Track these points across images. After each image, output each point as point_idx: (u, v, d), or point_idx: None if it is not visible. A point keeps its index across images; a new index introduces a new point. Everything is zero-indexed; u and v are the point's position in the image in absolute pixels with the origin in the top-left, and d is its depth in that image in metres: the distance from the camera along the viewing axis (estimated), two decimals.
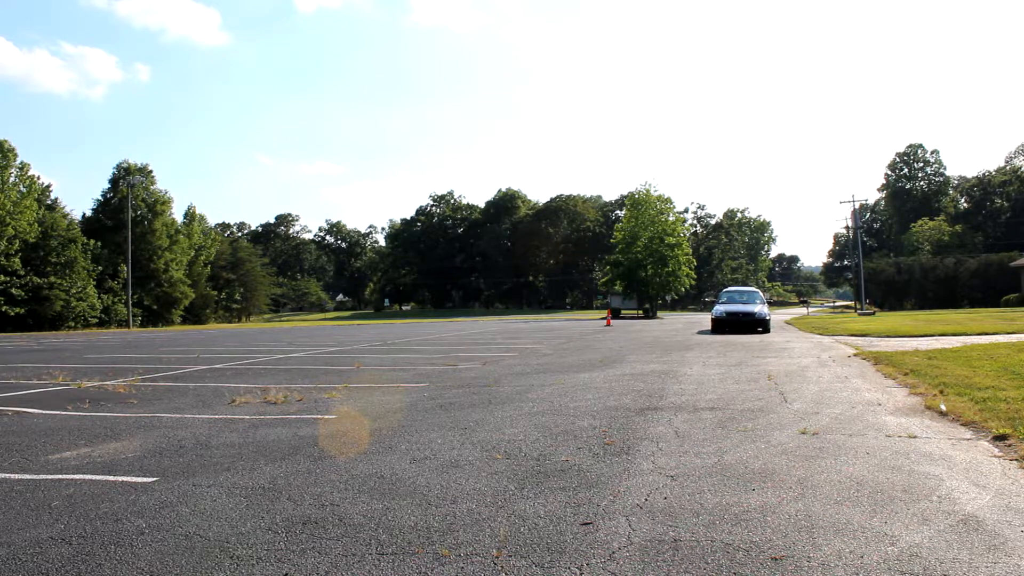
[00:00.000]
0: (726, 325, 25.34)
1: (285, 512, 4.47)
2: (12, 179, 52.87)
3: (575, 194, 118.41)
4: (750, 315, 25.36)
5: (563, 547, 3.73)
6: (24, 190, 53.46)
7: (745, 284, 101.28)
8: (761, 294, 29.59)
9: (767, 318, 25.35)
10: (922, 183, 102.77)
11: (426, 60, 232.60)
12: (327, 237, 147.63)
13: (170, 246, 65.01)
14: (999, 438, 6.00)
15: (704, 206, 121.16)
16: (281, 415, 8.15)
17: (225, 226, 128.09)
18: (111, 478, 5.38)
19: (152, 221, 64.26)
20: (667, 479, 5.01)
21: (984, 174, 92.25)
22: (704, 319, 45.37)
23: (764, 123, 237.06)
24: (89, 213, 66.18)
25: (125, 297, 56.47)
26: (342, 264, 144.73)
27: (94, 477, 5.43)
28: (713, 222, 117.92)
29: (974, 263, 67.41)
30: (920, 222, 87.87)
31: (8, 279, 49.65)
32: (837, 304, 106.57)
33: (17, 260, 50.52)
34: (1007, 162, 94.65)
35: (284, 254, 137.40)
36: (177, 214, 69.82)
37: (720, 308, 26.53)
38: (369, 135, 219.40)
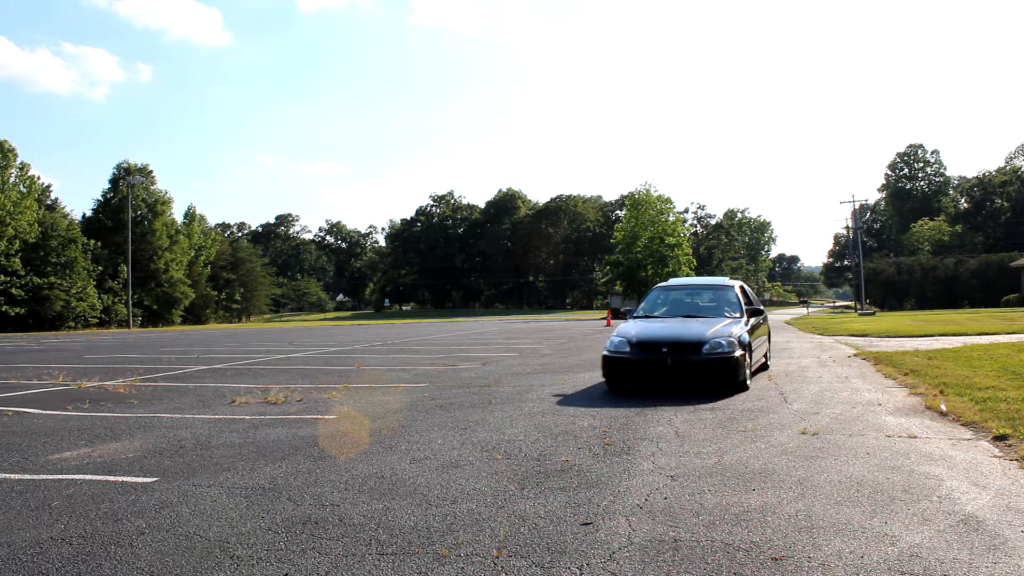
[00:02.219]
0: (633, 372, 9.67)
1: (285, 512, 4.47)
2: (12, 179, 52.92)
3: (575, 194, 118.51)
4: (692, 347, 9.51)
5: (563, 547, 3.73)
6: (24, 190, 53.53)
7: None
8: (739, 291, 11.79)
9: (735, 354, 9.36)
10: (922, 183, 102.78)
11: (427, 60, 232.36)
12: (327, 237, 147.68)
13: (170, 246, 65.02)
14: (999, 438, 6.00)
15: (704, 206, 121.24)
16: (281, 415, 8.15)
17: (225, 226, 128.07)
18: (111, 478, 5.38)
19: (152, 221, 64.30)
20: (667, 479, 5.01)
21: (984, 174, 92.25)
22: None
23: (764, 123, 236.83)
24: (89, 213, 66.30)
25: (125, 297, 56.47)
26: (342, 264, 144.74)
27: (94, 477, 5.43)
28: (713, 222, 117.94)
29: (974, 263, 67.41)
30: (920, 222, 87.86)
31: (8, 279, 49.66)
32: (837, 304, 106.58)
33: (17, 260, 50.54)
34: (1007, 162, 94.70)
35: (284, 254, 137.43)
36: (177, 214, 70.00)
37: (630, 330, 10.16)
38: (369, 135, 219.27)
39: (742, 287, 11.93)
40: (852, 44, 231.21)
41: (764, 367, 11.77)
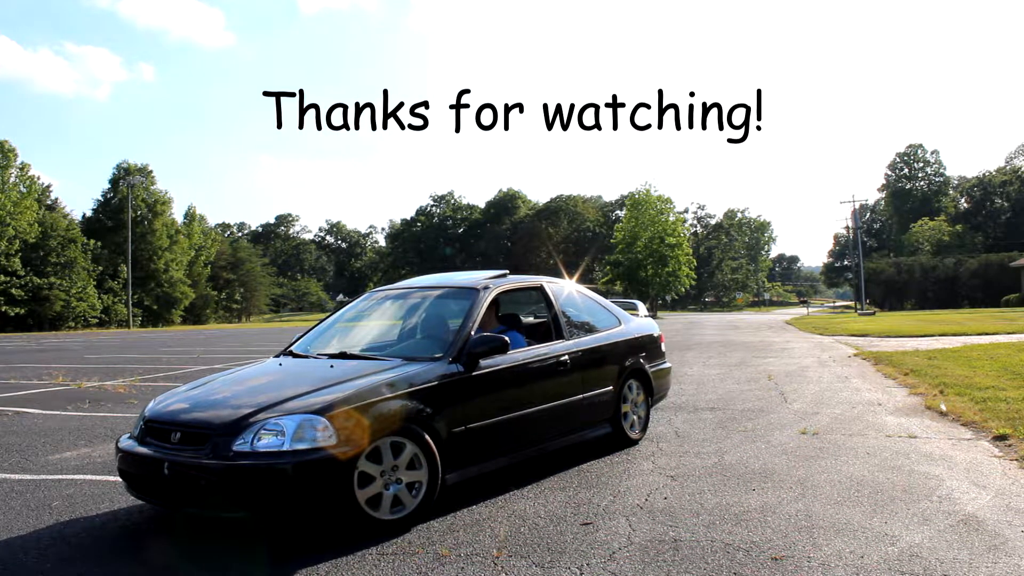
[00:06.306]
0: (128, 481, 4.33)
1: None
2: (12, 179, 52.88)
3: (575, 194, 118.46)
4: (212, 434, 3.96)
5: (563, 547, 3.73)
6: (24, 190, 53.45)
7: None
8: (483, 303, 5.22)
9: (313, 455, 3.81)
10: (922, 183, 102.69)
11: (428, 60, 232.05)
12: (327, 237, 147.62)
13: (170, 246, 64.96)
14: (999, 438, 5.99)
15: (704, 206, 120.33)
16: None
17: (225, 226, 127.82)
18: (111, 478, 5.37)
19: (152, 221, 64.20)
20: (667, 479, 5.01)
21: (984, 174, 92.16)
22: (705, 320, 44.92)
23: (763, 123, 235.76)
24: (89, 213, 66.13)
25: (125, 297, 56.45)
26: (342, 264, 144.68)
27: (94, 477, 5.44)
28: (713, 222, 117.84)
29: (974, 263, 67.36)
30: (920, 222, 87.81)
31: (8, 279, 49.61)
32: (837, 304, 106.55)
33: (17, 260, 50.49)
34: (1007, 162, 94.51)
35: (284, 254, 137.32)
36: (177, 214, 69.86)
37: (180, 391, 4.82)
38: (370, 135, 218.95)
39: (512, 291, 5.75)
40: (851, 44, 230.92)
41: (627, 441, 6.11)
